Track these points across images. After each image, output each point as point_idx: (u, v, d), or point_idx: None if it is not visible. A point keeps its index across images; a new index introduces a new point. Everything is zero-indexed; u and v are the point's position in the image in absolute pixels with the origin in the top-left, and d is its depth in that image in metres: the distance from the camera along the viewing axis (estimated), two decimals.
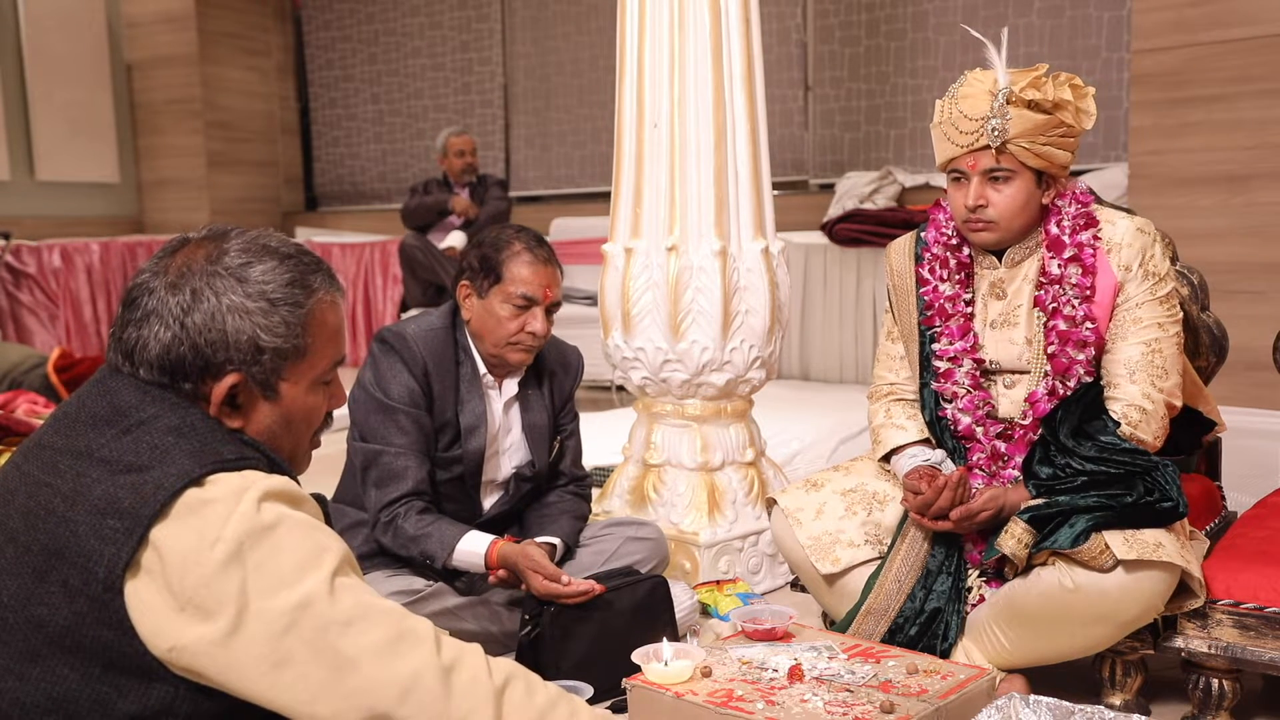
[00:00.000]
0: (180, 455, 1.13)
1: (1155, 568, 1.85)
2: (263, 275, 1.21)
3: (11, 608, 1.12)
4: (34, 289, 5.72)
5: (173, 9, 7.33)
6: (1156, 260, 2.03)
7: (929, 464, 2.11)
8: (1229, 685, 1.96)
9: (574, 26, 6.81)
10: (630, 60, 2.83)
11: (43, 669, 1.11)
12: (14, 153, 6.84)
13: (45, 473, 1.16)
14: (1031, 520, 1.92)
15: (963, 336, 2.11)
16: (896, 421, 2.22)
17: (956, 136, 2.02)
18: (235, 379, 1.20)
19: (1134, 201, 3.85)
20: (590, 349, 2.66)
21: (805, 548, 2.16)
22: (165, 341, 1.18)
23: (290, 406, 1.25)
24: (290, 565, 1.11)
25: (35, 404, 4.35)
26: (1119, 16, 4.89)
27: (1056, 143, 1.99)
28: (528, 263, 2.22)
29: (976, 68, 2.08)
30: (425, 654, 1.14)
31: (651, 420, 2.93)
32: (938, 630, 2.04)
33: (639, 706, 1.75)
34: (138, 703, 1.11)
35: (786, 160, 5.89)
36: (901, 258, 2.24)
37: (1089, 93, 2.01)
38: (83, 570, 1.09)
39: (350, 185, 8.00)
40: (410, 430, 2.20)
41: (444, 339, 2.27)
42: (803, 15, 5.83)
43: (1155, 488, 1.91)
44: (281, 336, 1.21)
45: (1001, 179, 2.01)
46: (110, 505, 1.10)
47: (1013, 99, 1.95)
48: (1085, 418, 2.00)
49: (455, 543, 2.15)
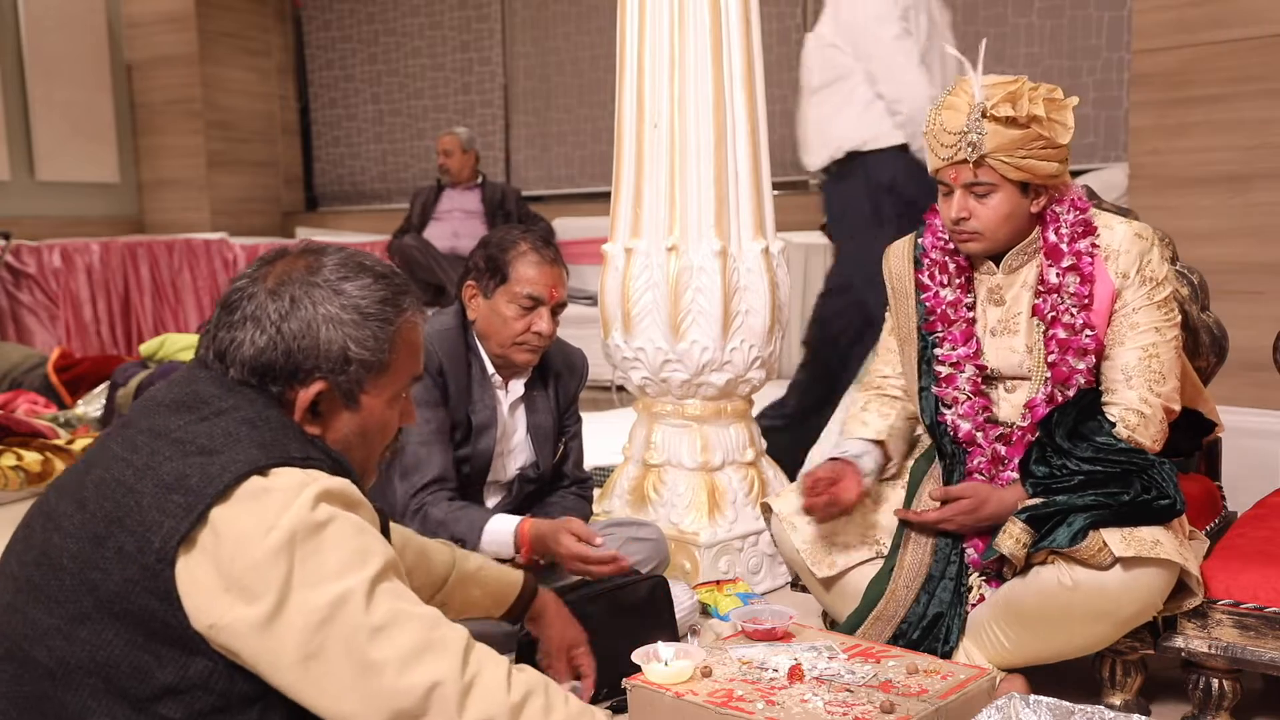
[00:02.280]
0: (250, 444, 1.19)
1: (1153, 565, 1.85)
2: (358, 290, 1.29)
3: (70, 570, 1.17)
4: (34, 289, 5.72)
5: (173, 9, 7.33)
6: (1154, 265, 2.03)
7: (844, 455, 2.14)
8: (1229, 685, 1.96)
9: (574, 26, 6.81)
10: (630, 60, 2.83)
11: (90, 631, 1.15)
12: (14, 153, 6.84)
13: (124, 449, 1.22)
14: (1029, 520, 1.92)
15: (966, 342, 2.11)
16: (865, 416, 2.24)
17: (938, 149, 2.02)
18: (322, 386, 1.26)
19: (1134, 202, 3.85)
20: (590, 349, 2.66)
21: (801, 552, 2.16)
22: (260, 345, 1.25)
23: (368, 418, 1.31)
24: (335, 563, 1.15)
25: (35, 404, 4.36)
26: (1119, 16, 4.89)
27: (1037, 155, 1.96)
28: (534, 263, 2.23)
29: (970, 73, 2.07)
30: (449, 664, 1.17)
31: (651, 420, 2.93)
32: (939, 634, 2.04)
33: (639, 706, 1.75)
34: (176, 674, 1.15)
35: (786, 160, 5.89)
36: (900, 261, 2.24)
37: (1068, 105, 1.98)
38: (140, 538, 1.14)
39: (350, 185, 8.00)
40: (432, 422, 2.21)
41: (457, 339, 2.28)
42: (803, 15, 5.84)
43: (1152, 485, 1.91)
44: (370, 350, 1.28)
45: (983, 191, 2.00)
46: (178, 481, 1.16)
47: (986, 114, 1.94)
48: (1081, 420, 2.00)
49: (484, 523, 2.16)
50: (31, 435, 3.73)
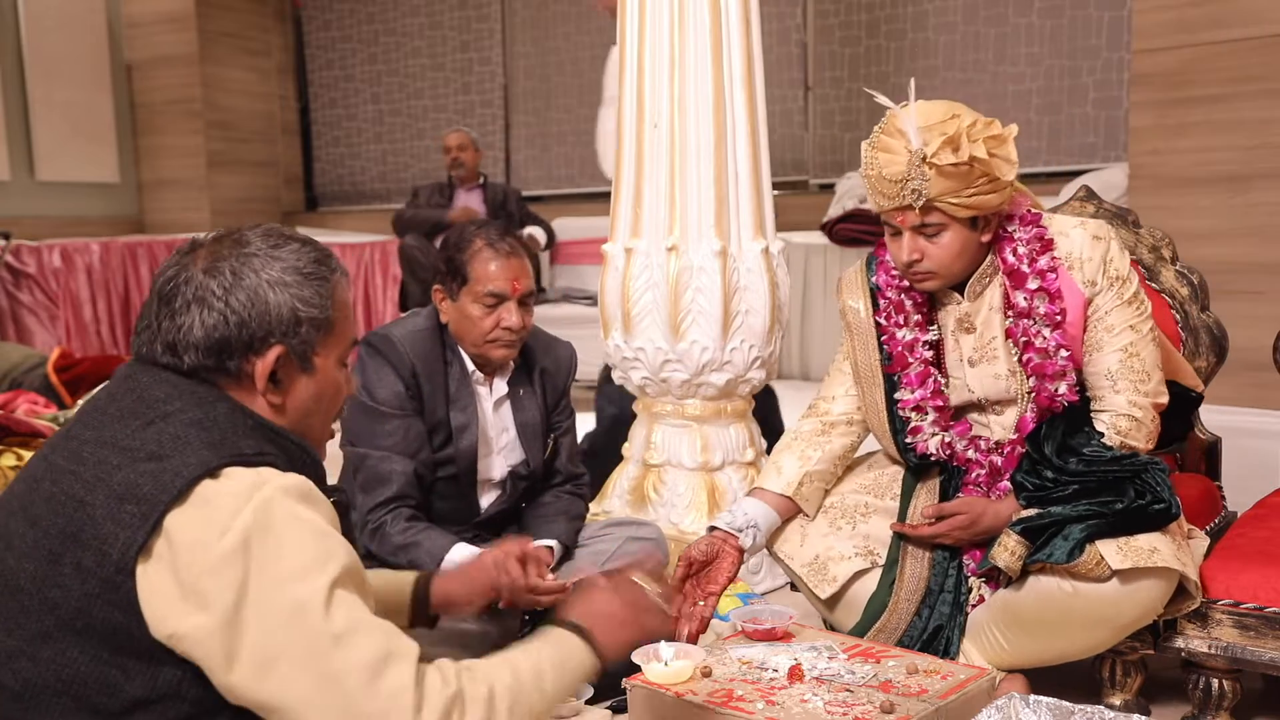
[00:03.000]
0: (200, 446, 1.16)
1: (1152, 574, 1.84)
2: (291, 254, 1.28)
3: (28, 590, 1.15)
4: (34, 289, 5.71)
5: (173, 9, 7.32)
6: (1116, 263, 1.99)
7: (729, 527, 2.05)
8: (1229, 685, 1.96)
9: (574, 26, 6.81)
10: (630, 60, 2.83)
11: (54, 650, 1.13)
12: (14, 153, 6.83)
13: (70, 461, 1.19)
14: (1024, 532, 1.89)
15: (922, 384, 2.07)
16: (781, 460, 2.16)
17: (880, 197, 1.96)
18: (279, 350, 1.25)
19: (1134, 202, 3.85)
20: (590, 349, 2.66)
21: (803, 576, 2.13)
22: (210, 323, 1.23)
23: (323, 380, 1.31)
24: (292, 567, 1.12)
25: (35, 404, 4.35)
26: (1119, 16, 4.89)
27: (984, 191, 1.91)
28: (490, 259, 2.21)
29: (902, 104, 1.96)
30: (407, 675, 1.15)
31: (651, 420, 2.93)
32: (939, 646, 2.02)
33: (639, 706, 1.75)
34: (145, 686, 1.13)
35: (786, 160, 5.90)
36: (855, 297, 2.16)
37: (1008, 139, 1.92)
38: (97, 552, 1.12)
39: (350, 185, 8.00)
40: (397, 434, 2.20)
41: (431, 339, 2.27)
42: (803, 15, 5.84)
43: (1146, 490, 1.88)
44: (317, 307, 1.28)
45: (933, 231, 1.95)
46: (129, 491, 1.13)
47: (927, 160, 1.88)
48: (1069, 433, 1.97)
49: (444, 554, 2.13)
50: (31, 435, 3.72)
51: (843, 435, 2.19)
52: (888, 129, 1.94)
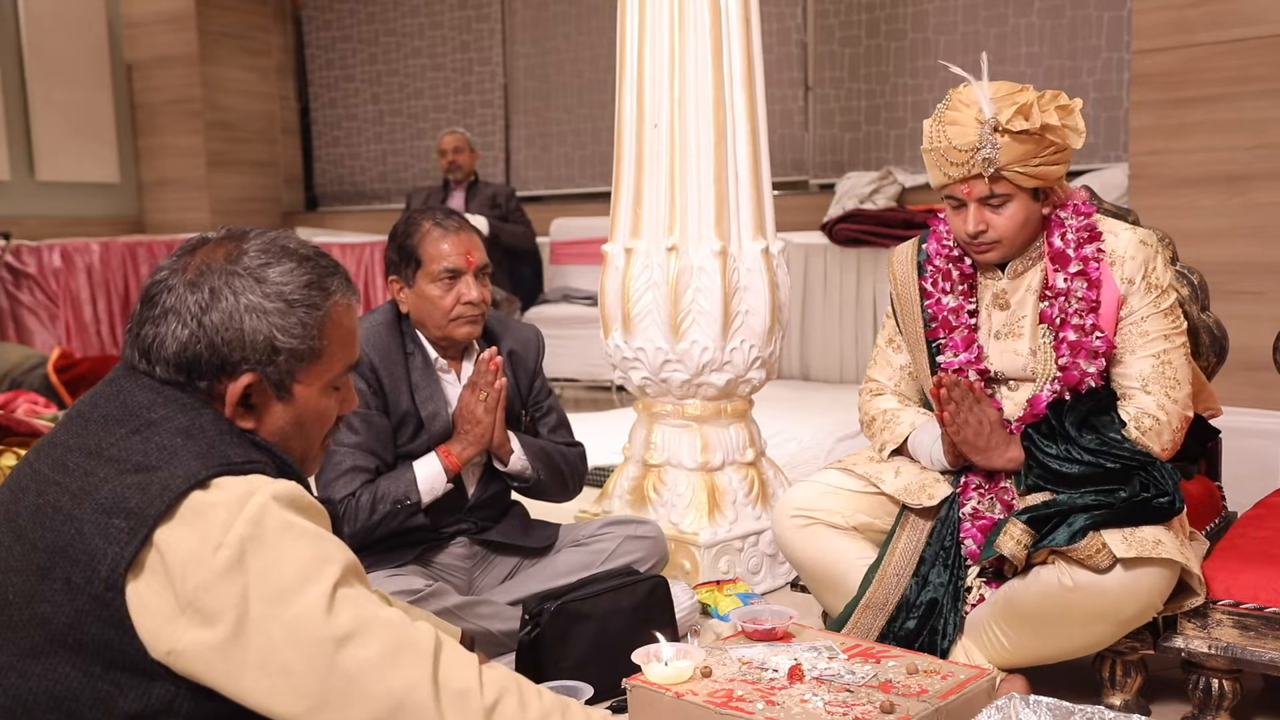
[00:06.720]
0: (187, 456, 1.13)
1: (1154, 565, 1.85)
2: (281, 276, 1.22)
3: (16, 605, 1.13)
4: (34, 289, 5.71)
5: (173, 9, 7.32)
6: (1158, 273, 2.04)
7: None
8: (1229, 685, 1.96)
9: (574, 26, 6.81)
10: (630, 60, 2.83)
11: (45, 666, 1.11)
12: (14, 153, 6.83)
13: (55, 470, 1.16)
14: (1029, 521, 1.92)
15: (967, 348, 2.12)
16: (900, 416, 2.24)
17: (948, 167, 2.01)
18: (250, 379, 1.21)
19: (1134, 202, 3.85)
20: (590, 349, 2.66)
21: (897, 495, 2.14)
22: (183, 339, 1.19)
23: (303, 408, 1.26)
24: (292, 574, 1.11)
25: (35, 404, 4.35)
26: (1119, 16, 4.89)
27: (1050, 161, 1.98)
28: (440, 237, 2.26)
29: (961, 84, 2.04)
30: (420, 669, 1.14)
31: (651, 420, 2.93)
32: (936, 625, 2.04)
33: (639, 706, 1.75)
34: (139, 701, 1.11)
35: (786, 160, 5.89)
36: (905, 267, 2.24)
37: (1076, 108, 1.99)
38: (85, 568, 1.10)
39: (350, 185, 8.00)
40: (360, 430, 2.22)
41: (388, 333, 2.30)
42: (803, 15, 5.83)
43: (1151, 483, 1.91)
44: (298, 338, 1.22)
45: (999, 203, 2.01)
46: (116, 504, 1.11)
47: (999, 128, 1.94)
48: (1094, 412, 2.01)
49: (413, 475, 2.21)
50: (31, 435, 3.72)
51: (903, 398, 2.29)
52: (954, 103, 2.00)
